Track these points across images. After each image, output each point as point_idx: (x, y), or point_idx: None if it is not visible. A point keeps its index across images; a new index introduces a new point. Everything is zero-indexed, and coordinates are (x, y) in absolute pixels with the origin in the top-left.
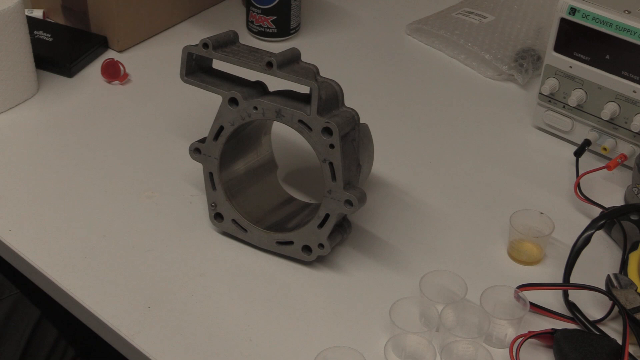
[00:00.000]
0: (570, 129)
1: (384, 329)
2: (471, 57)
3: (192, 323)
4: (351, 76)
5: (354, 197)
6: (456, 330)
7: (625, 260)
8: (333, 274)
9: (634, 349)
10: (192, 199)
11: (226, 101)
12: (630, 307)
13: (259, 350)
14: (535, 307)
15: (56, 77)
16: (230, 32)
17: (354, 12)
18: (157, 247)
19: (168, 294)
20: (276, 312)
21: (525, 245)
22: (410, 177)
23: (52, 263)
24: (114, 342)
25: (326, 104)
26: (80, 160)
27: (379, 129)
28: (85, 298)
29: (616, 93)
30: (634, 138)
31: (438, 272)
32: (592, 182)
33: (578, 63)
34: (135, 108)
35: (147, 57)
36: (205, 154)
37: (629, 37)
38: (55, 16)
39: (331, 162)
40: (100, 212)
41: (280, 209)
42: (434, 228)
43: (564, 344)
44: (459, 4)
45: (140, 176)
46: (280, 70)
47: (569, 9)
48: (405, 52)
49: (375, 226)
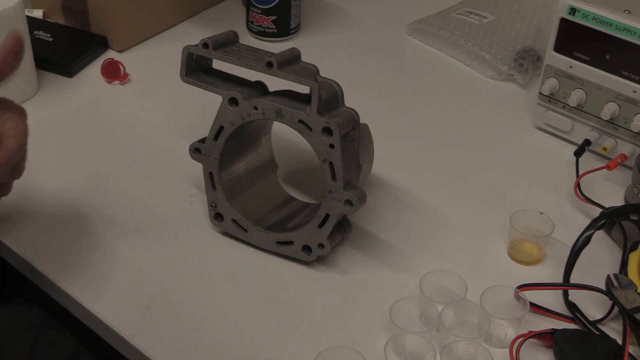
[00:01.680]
0: (570, 129)
1: (384, 329)
2: (471, 57)
3: (192, 323)
4: (351, 76)
5: (354, 197)
6: (456, 330)
7: (625, 260)
8: (333, 274)
9: (634, 349)
10: (192, 199)
11: (226, 101)
12: (630, 307)
13: (259, 350)
14: (535, 307)
15: (56, 77)
16: (230, 32)
17: (354, 12)
18: (157, 247)
19: (168, 294)
20: (276, 312)
21: (525, 245)
22: (410, 177)
23: (52, 263)
24: (114, 342)
25: (326, 104)
26: (80, 161)
27: (379, 129)
28: (85, 298)
29: (616, 93)
30: (634, 138)
31: (438, 272)
32: (592, 182)
33: (578, 63)
34: (135, 108)
35: (147, 57)
36: (205, 154)
37: (629, 37)
38: (55, 16)
39: (331, 162)
40: (100, 212)
41: (280, 209)
42: (434, 228)
43: (564, 344)
44: (459, 4)
45: (140, 176)
46: (280, 70)
47: (569, 9)
48: (405, 52)
49: (375, 226)
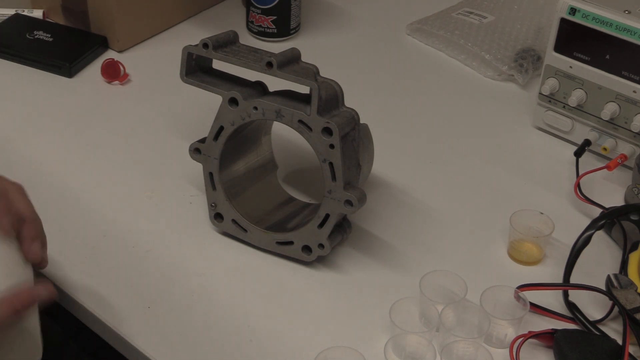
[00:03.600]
0: (570, 129)
1: (384, 329)
2: (471, 57)
3: (192, 323)
4: (351, 76)
5: (354, 197)
6: (456, 330)
7: (625, 261)
8: (333, 274)
9: (634, 349)
10: (192, 199)
11: (226, 101)
12: (630, 307)
13: (259, 350)
14: (535, 307)
15: (56, 77)
16: (230, 32)
17: (354, 12)
18: (157, 247)
19: (168, 294)
20: (276, 312)
21: (525, 245)
22: (410, 177)
23: (52, 263)
24: (114, 342)
25: (326, 104)
26: (80, 161)
27: (379, 129)
28: (85, 298)
29: (616, 93)
30: (634, 138)
31: (438, 272)
32: (592, 182)
33: (578, 63)
34: (135, 108)
35: (147, 57)
36: (205, 154)
37: (629, 37)
38: (55, 16)
39: (331, 162)
40: (100, 212)
41: (280, 209)
42: (434, 228)
43: (564, 344)
44: (459, 4)
45: (140, 176)
46: (280, 70)
47: (569, 9)
48: (405, 52)
49: (375, 226)
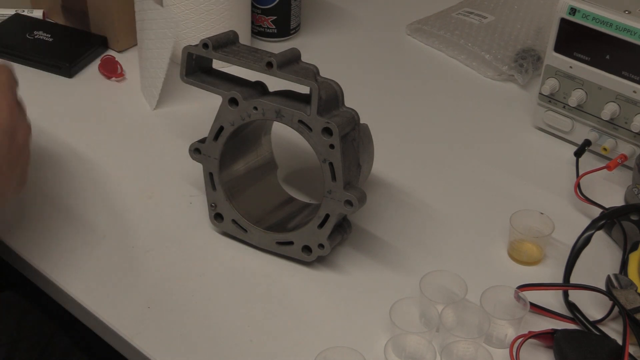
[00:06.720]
0: (571, 129)
1: (384, 329)
2: (471, 57)
3: (192, 323)
4: (351, 76)
5: (354, 197)
6: (456, 331)
7: (625, 261)
8: (333, 274)
9: (634, 349)
10: (192, 199)
11: (226, 101)
12: (630, 307)
13: (259, 351)
14: (535, 307)
15: (56, 77)
16: (230, 32)
17: (354, 12)
18: (157, 248)
19: (168, 294)
20: (276, 312)
21: (525, 245)
22: (410, 177)
23: (52, 263)
24: (114, 342)
25: (326, 104)
26: (80, 161)
27: (379, 129)
28: (86, 298)
29: (616, 93)
30: (634, 138)
31: (438, 272)
32: (592, 182)
33: (578, 63)
34: (135, 108)
35: None
36: (205, 154)
37: (629, 37)
38: (55, 16)
39: (331, 162)
40: (100, 212)
41: (280, 209)
42: (434, 228)
43: (564, 344)
44: (459, 4)
45: (140, 176)
46: (280, 70)
47: (569, 9)
48: (405, 52)
49: (375, 226)
